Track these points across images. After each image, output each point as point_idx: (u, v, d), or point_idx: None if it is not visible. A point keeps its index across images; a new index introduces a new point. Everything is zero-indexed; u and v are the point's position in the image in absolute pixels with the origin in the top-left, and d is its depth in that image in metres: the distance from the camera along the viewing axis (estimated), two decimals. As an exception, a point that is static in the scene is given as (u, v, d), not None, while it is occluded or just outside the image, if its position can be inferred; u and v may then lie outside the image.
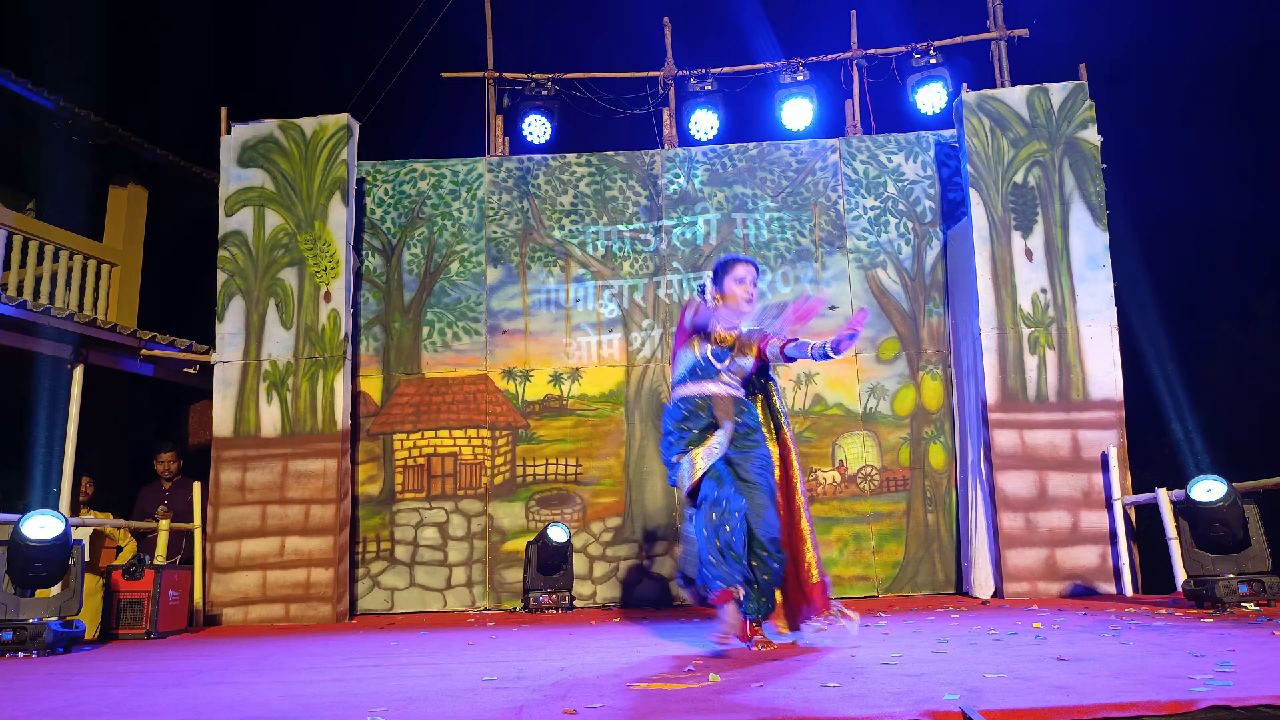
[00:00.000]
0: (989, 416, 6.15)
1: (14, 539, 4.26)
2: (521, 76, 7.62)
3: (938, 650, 3.01)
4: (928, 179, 7.15)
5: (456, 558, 6.75)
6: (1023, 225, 6.39)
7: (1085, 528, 5.98)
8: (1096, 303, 6.26)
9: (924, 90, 7.43)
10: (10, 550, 4.28)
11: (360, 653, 3.80)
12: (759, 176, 7.27)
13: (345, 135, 6.73)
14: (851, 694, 2.11)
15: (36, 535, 4.27)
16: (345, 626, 5.83)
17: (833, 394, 6.92)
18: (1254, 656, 2.50)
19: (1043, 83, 6.61)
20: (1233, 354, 7.78)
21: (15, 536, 4.25)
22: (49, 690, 2.82)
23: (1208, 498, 4.31)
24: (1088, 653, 2.75)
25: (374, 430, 6.93)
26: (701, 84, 7.58)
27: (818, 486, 6.78)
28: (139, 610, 5.20)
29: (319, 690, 2.59)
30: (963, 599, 6.09)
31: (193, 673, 3.22)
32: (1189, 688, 1.98)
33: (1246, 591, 4.17)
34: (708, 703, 2.08)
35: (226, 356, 6.47)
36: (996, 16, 7.36)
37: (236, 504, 6.26)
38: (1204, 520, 4.33)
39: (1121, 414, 6.11)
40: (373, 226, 7.22)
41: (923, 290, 7.02)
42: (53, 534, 4.29)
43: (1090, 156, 6.45)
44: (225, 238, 6.63)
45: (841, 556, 6.67)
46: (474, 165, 7.34)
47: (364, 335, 7.03)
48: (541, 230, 7.23)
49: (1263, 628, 3.34)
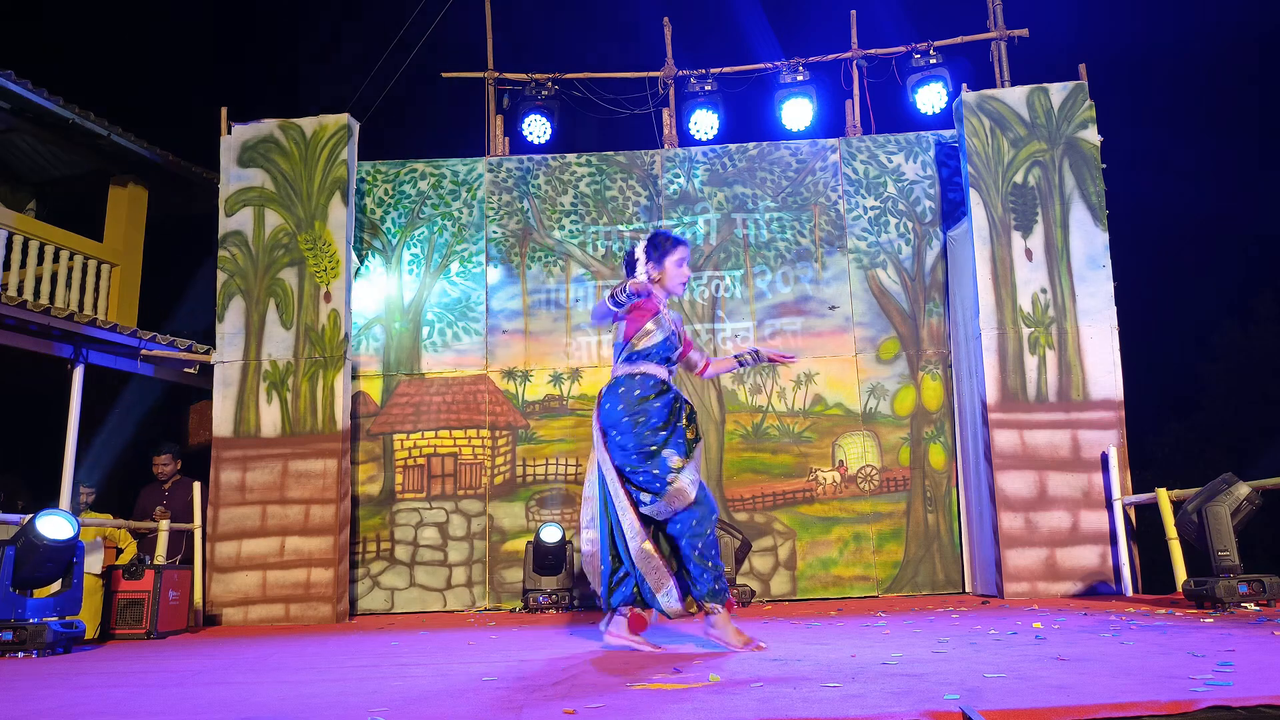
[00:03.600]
0: (989, 416, 6.15)
1: (29, 537, 4.25)
2: (521, 76, 7.62)
3: (938, 650, 3.01)
4: (928, 179, 7.15)
5: (456, 558, 6.75)
6: (1023, 225, 6.39)
7: (1085, 528, 5.98)
8: (1096, 303, 6.26)
9: (924, 90, 7.43)
10: (23, 548, 4.27)
11: (360, 653, 3.80)
12: (759, 176, 7.27)
13: (345, 135, 6.73)
14: (851, 694, 2.11)
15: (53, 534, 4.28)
16: (345, 626, 5.83)
17: (833, 394, 6.92)
18: (1254, 656, 2.50)
19: (1043, 83, 6.61)
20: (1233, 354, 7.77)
21: (31, 535, 4.25)
22: (49, 690, 2.82)
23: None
24: (1088, 653, 2.75)
25: (374, 430, 6.93)
26: (701, 84, 7.58)
27: (818, 486, 6.78)
28: (139, 610, 5.20)
29: (319, 690, 2.59)
30: (963, 599, 6.09)
31: (192, 673, 3.22)
32: (1189, 688, 1.98)
33: (1246, 591, 4.17)
34: (708, 703, 2.07)
35: (226, 356, 6.48)
36: (996, 16, 7.36)
37: (236, 504, 6.26)
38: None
39: (1121, 414, 6.11)
40: (373, 226, 7.22)
41: (923, 290, 7.03)
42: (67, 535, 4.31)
43: (1090, 156, 6.45)
44: (225, 238, 6.63)
45: (841, 556, 6.68)
46: (474, 165, 7.34)
47: (364, 335, 7.03)
48: (541, 230, 7.23)
49: (1263, 628, 3.34)
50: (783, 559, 6.69)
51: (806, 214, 7.20)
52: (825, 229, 7.16)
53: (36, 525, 4.26)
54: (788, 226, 7.19)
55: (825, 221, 7.17)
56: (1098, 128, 6.50)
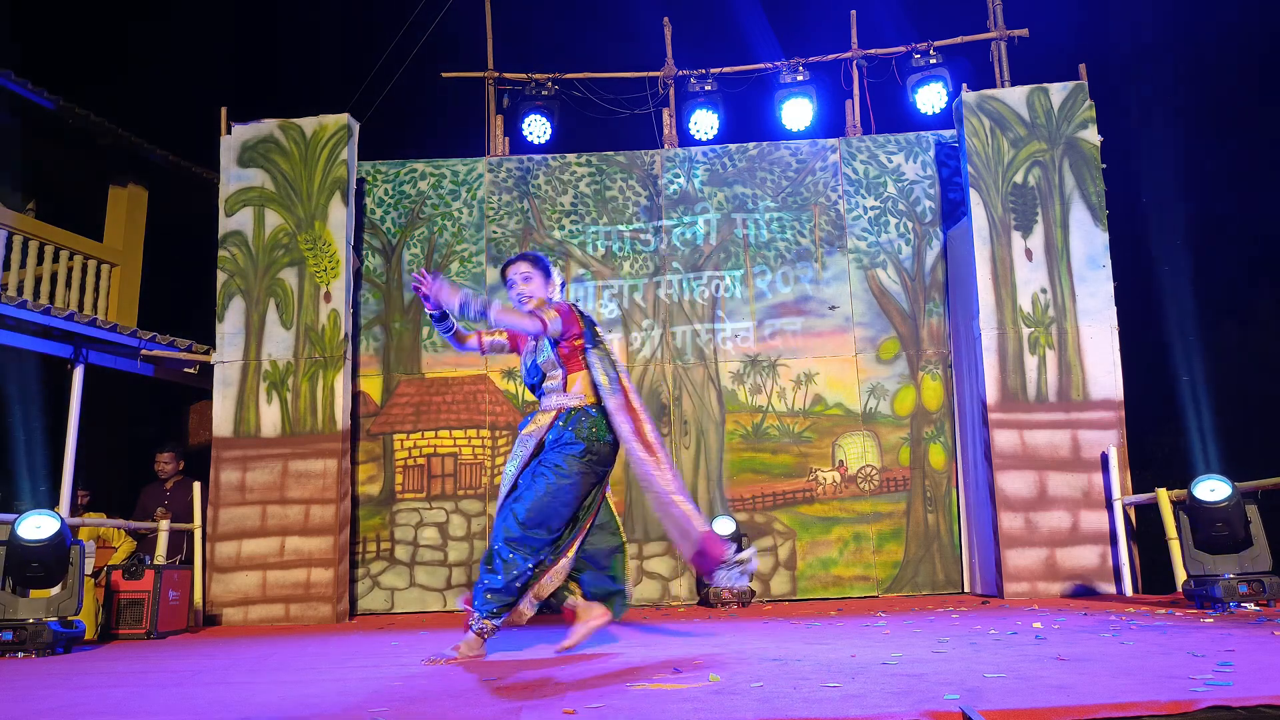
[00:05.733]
0: (989, 416, 6.15)
1: (10, 540, 4.26)
2: (521, 76, 7.62)
3: (938, 650, 3.01)
4: (928, 179, 7.15)
5: (456, 558, 6.75)
6: (1023, 225, 6.39)
7: (1085, 528, 5.98)
8: (1096, 303, 6.26)
9: (924, 90, 7.43)
10: (7, 551, 4.28)
11: (360, 653, 3.80)
12: (759, 176, 7.27)
13: (345, 135, 6.73)
14: (851, 694, 2.11)
15: (32, 535, 4.27)
16: (345, 626, 5.83)
17: (833, 394, 6.92)
18: (1254, 656, 2.50)
19: (1043, 83, 6.61)
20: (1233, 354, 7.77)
21: (11, 537, 4.25)
22: (49, 690, 2.82)
23: (1212, 497, 4.31)
24: (1088, 653, 2.75)
25: (374, 430, 6.93)
26: (701, 84, 7.58)
27: (818, 486, 6.78)
28: (139, 610, 5.20)
29: (319, 690, 2.59)
30: (962, 599, 6.09)
31: (192, 673, 3.22)
32: (1189, 688, 1.98)
33: (1246, 591, 4.17)
34: (707, 703, 2.07)
35: (226, 356, 6.47)
36: (996, 16, 7.36)
37: (236, 504, 6.26)
38: (1206, 520, 4.32)
39: (1121, 414, 6.11)
40: (373, 226, 7.22)
41: (923, 290, 7.03)
42: (48, 533, 4.29)
43: (1090, 156, 6.45)
44: (225, 238, 6.63)
45: (841, 556, 6.68)
46: (474, 165, 7.34)
47: (364, 335, 7.04)
48: (541, 230, 7.23)
49: (1263, 628, 3.34)
50: (783, 559, 6.69)
51: (806, 214, 7.20)
52: (825, 229, 7.16)
53: (16, 528, 4.27)
54: (788, 226, 7.19)
55: (825, 221, 7.17)
56: (1098, 128, 6.50)
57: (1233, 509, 4.28)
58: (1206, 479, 4.37)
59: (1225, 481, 4.32)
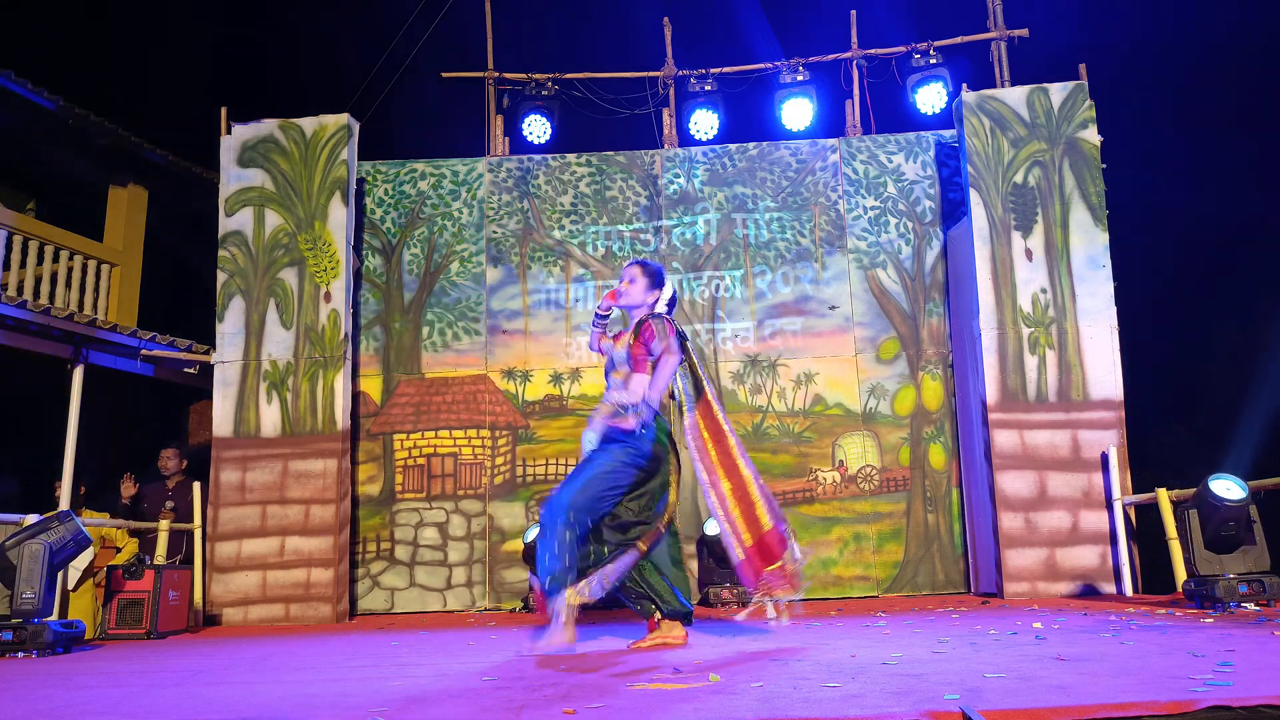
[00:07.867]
0: (989, 416, 6.15)
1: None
2: (521, 76, 7.62)
3: (938, 650, 3.01)
4: (928, 179, 7.15)
5: (456, 558, 6.75)
6: (1023, 225, 6.39)
7: (1085, 528, 5.98)
8: (1096, 303, 6.26)
9: (924, 90, 7.43)
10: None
11: (360, 653, 3.80)
12: (759, 176, 7.27)
13: (345, 135, 6.73)
14: (851, 694, 2.11)
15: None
16: (345, 626, 5.83)
17: (833, 394, 6.92)
18: (1254, 656, 2.50)
19: (1043, 83, 6.61)
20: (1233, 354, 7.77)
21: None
22: (49, 690, 2.82)
23: (1229, 496, 4.28)
24: (1088, 653, 2.75)
25: (374, 430, 6.93)
26: (701, 84, 7.58)
27: (818, 486, 6.78)
28: (139, 610, 5.20)
29: (319, 690, 2.59)
30: (963, 599, 6.09)
31: (192, 673, 3.22)
32: (1189, 688, 1.98)
33: (1246, 591, 4.16)
34: (707, 703, 2.07)
35: (226, 356, 6.48)
36: (996, 16, 7.36)
37: (236, 504, 6.26)
38: (1219, 519, 4.29)
39: (1121, 414, 6.11)
40: (373, 226, 7.22)
41: (923, 290, 7.02)
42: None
43: (1090, 156, 6.45)
44: (225, 238, 6.63)
45: (841, 556, 6.68)
46: (474, 165, 7.34)
47: (364, 335, 7.04)
48: (541, 230, 7.23)
49: (1263, 628, 3.34)
50: (783, 559, 6.68)
51: (806, 214, 7.20)
52: (825, 229, 7.16)
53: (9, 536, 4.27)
54: (788, 226, 7.19)
55: (825, 221, 7.17)
56: (1098, 128, 6.50)
57: (1244, 509, 4.27)
58: (1221, 477, 4.35)
59: (1238, 482, 4.31)
